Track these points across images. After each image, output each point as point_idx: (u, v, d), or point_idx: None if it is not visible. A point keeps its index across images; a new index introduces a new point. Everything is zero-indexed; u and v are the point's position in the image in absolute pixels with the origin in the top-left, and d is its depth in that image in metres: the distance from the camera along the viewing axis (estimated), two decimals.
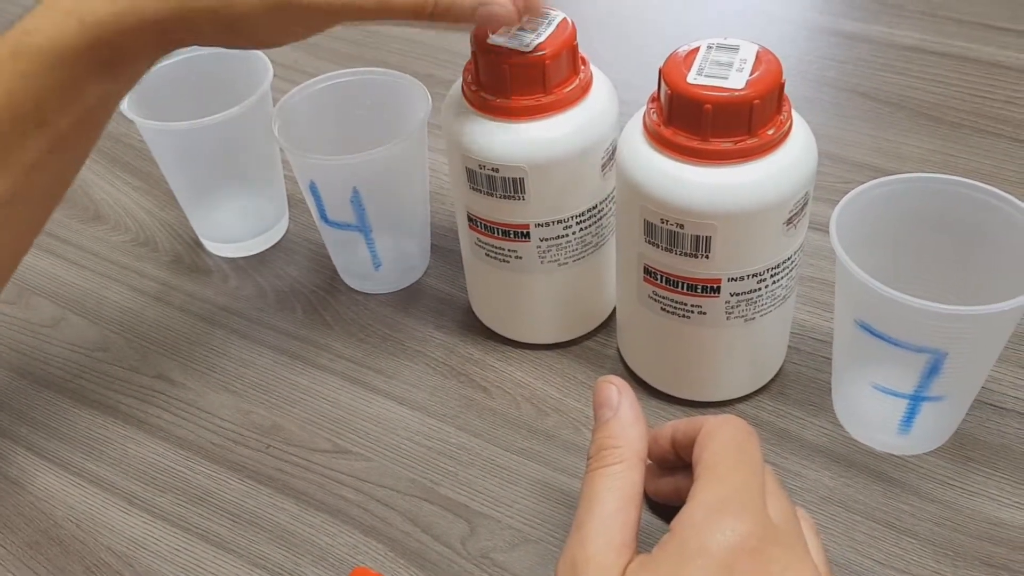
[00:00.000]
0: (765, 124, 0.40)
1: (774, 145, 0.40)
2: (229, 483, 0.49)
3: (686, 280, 0.43)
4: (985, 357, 0.43)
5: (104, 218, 0.67)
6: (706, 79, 0.39)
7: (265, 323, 0.57)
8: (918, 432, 0.45)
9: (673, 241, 0.42)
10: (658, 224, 0.41)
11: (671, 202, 0.40)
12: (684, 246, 0.41)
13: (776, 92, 0.40)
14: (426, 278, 0.59)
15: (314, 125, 0.55)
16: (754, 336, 0.46)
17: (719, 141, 0.39)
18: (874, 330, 0.41)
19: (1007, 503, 0.44)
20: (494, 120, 0.44)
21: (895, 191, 0.44)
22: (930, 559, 0.42)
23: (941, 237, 0.45)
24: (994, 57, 0.71)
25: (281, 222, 0.63)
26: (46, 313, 0.60)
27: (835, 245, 0.41)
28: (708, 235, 0.41)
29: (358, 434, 0.50)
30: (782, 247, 0.42)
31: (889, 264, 0.44)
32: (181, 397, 0.54)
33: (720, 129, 0.39)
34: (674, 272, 0.43)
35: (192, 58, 0.59)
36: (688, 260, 0.42)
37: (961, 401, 0.45)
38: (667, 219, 0.41)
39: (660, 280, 0.44)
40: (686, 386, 0.49)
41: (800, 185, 0.41)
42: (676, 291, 0.44)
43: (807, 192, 0.42)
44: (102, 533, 0.47)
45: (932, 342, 0.40)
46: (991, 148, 0.64)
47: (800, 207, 0.42)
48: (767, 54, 0.40)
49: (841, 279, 0.43)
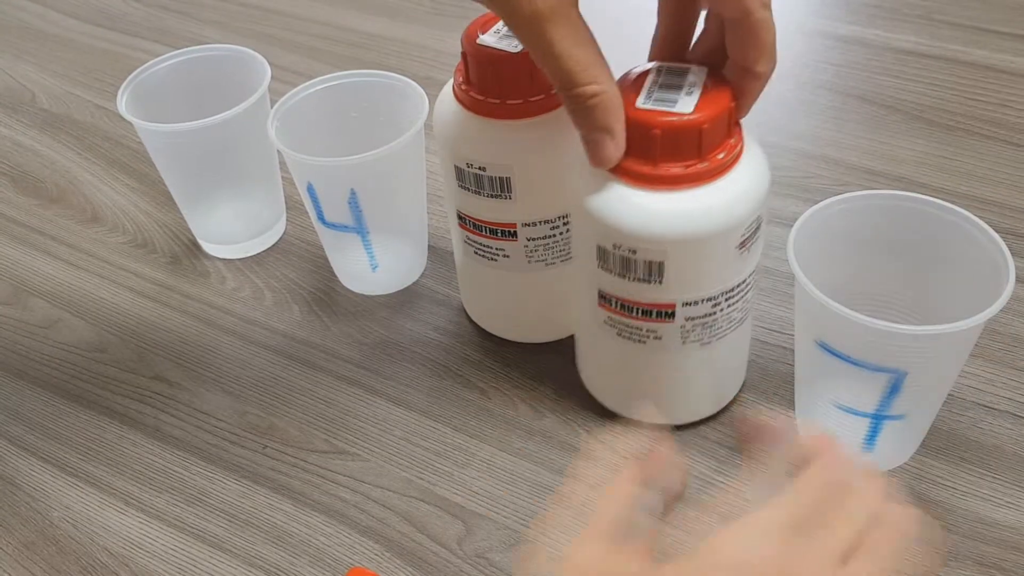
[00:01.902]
0: (715, 148, 0.39)
1: (724, 169, 0.39)
2: (226, 483, 0.49)
3: (640, 305, 0.42)
4: (946, 375, 0.43)
5: (102, 219, 0.67)
6: (655, 104, 0.38)
7: (262, 324, 0.58)
8: (881, 450, 0.45)
9: (626, 267, 0.41)
10: (611, 249, 0.41)
11: (622, 228, 0.40)
12: (637, 272, 0.41)
13: (725, 116, 0.39)
14: (423, 280, 0.59)
15: (312, 127, 0.55)
16: (712, 360, 0.45)
17: (669, 166, 0.39)
18: (833, 350, 0.41)
19: (1000, 503, 0.44)
20: (483, 119, 0.45)
21: (852, 208, 0.44)
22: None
23: (900, 254, 0.45)
24: (989, 60, 0.72)
25: (279, 224, 0.64)
26: (43, 314, 0.60)
27: (793, 265, 0.40)
28: (660, 260, 0.40)
29: (355, 434, 0.50)
30: (736, 270, 0.42)
31: (849, 282, 0.44)
32: (178, 398, 0.54)
33: (670, 154, 0.38)
34: (628, 297, 0.42)
35: (190, 60, 0.59)
36: (642, 286, 0.41)
37: (923, 419, 0.45)
38: (619, 245, 0.40)
39: (615, 305, 0.43)
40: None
41: (752, 209, 0.40)
42: (631, 316, 0.43)
43: (759, 216, 0.41)
44: (98, 533, 0.47)
45: (892, 362, 0.40)
46: (986, 151, 0.64)
47: (753, 230, 0.41)
48: (717, 77, 0.40)
49: (800, 299, 0.42)
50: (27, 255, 0.64)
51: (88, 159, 0.72)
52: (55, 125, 0.76)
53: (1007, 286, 0.39)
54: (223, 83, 0.58)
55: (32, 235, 0.66)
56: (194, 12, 0.89)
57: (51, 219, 0.67)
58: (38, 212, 0.68)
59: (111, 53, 0.84)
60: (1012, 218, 0.58)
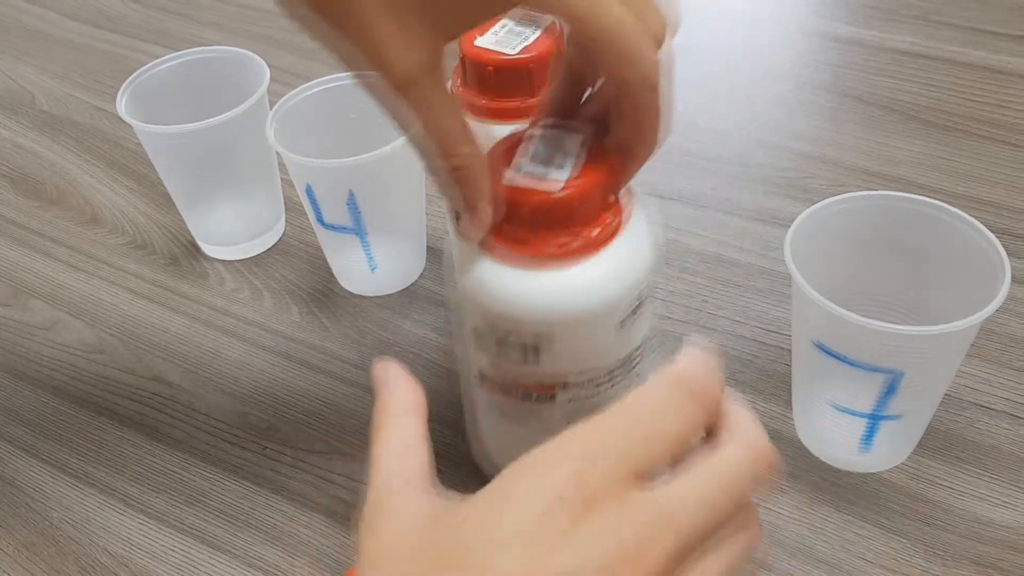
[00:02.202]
0: (588, 224, 0.36)
1: (599, 245, 0.36)
2: (224, 484, 0.49)
3: (519, 387, 0.39)
4: (942, 375, 0.43)
5: (101, 221, 0.67)
6: (526, 176, 0.35)
7: (261, 325, 0.58)
8: (878, 450, 0.45)
9: (501, 346, 0.38)
10: (484, 330, 0.38)
11: (494, 307, 0.37)
12: (512, 352, 0.38)
13: (599, 192, 0.36)
14: (422, 280, 0.59)
15: (311, 129, 0.55)
16: None
17: (540, 243, 0.36)
18: (830, 350, 0.41)
19: (997, 503, 0.45)
20: (480, 121, 0.45)
21: (849, 209, 0.44)
22: (920, 558, 0.43)
23: (897, 254, 0.45)
24: (986, 61, 0.72)
25: (278, 225, 0.64)
26: (43, 315, 0.60)
27: (790, 266, 0.40)
28: (535, 342, 0.37)
29: (354, 435, 0.51)
30: (619, 349, 0.39)
31: (847, 282, 0.44)
32: (177, 399, 0.54)
33: (540, 230, 0.35)
34: (506, 378, 0.39)
35: (189, 62, 0.59)
36: (518, 366, 0.38)
37: (920, 419, 0.45)
38: (494, 325, 0.37)
39: (495, 386, 0.40)
40: None
41: (630, 286, 0.37)
42: (510, 397, 0.40)
43: (640, 293, 0.38)
44: (98, 534, 0.48)
45: (888, 362, 0.40)
46: (983, 151, 0.64)
47: (633, 308, 0.38)
48: (597, 147, 0.36)
49: (797, 299, 0.43)
50: (27, 256, 0.65)
51: (88, 161, 0.72)
52: (55, 127, 0.76)
53: (1003, 286, 0.39)
54: (222, 85, 0.58)
55: (32, 236, 0.66)
56: (193, 14, 0.89)
57: (51, 220, 0.67)
58: (38, 214, 0.68)
59: (111, 55, 0.84)
60: (1009, 218, 0.59)
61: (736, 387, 0.51)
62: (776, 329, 0.53)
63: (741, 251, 0.59)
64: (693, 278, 0.57)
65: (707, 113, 0.69)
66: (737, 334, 0.54)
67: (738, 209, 0.62)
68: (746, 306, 0.55)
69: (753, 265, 0.58)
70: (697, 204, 0.62)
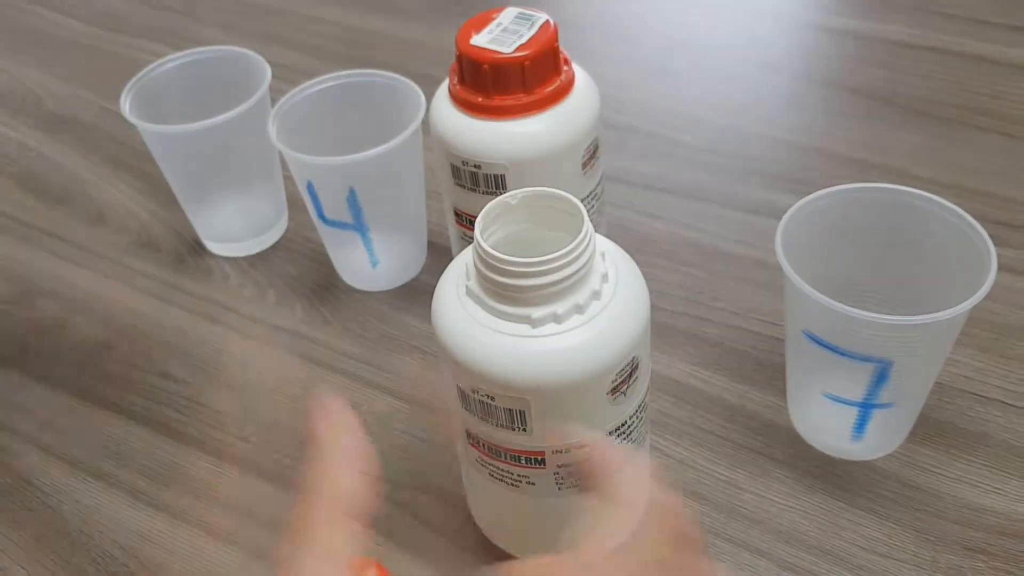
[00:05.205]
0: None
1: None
2: (231, 477, 0.50)
3: (507, 451, 0.38)
4: (932, 363, 0.43)
5: (107, 220, 0.68)
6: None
7: (265, 321, 0.59)
8: (871, 438, 0.46)
9: (487, 411, 0.37)
10: (469, 392, 0.37)
11: (478, 372, 0.35)
12: (499, 417, 0.37)
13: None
14: (423, 275, 0.60)
15: (312, 126, 0.56)
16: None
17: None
18: (820, 340, 0.42)
19: (987, 489, 0.45)
20: (477, 118, 0.46)
21: (840, 200, 0.44)
22: (911, 544, 0.44)
23: (887, 245, 0.46)
24: (982, 52, 0.72)
25: (280, 222, 0.65)
26: (51, 313, 0.61)
27: (780, 256, 0.41)
28: (521, 408, 0.36)
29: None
30: (610, 417, 0.38)
31: (839, 273, 0.44)
32: (184, 394, 0.55)
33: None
34: (493, 442, 0.38)
35: (191, 62, 0.60)
36: (506, 431, 0.37)
37: (911, 407, 0.46)
38: (477, 389, 0.36)
39: (483, 448, 0.39)
40: (532, 551, 0.34)
41: (623, 350, 0.35)
42: (500, 460, 0.39)
43: (634, 357, 0.36)
44: (108, 527, 0.48)
45: (878, 351, 0.41)
46: (979, 142, 0.64)
47: (627, 375, 0.36)
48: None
49: (787, 290, 0.43)
50: (34, 256, 0.65)
51: (93, 160, 0.73)
52: (60, 127, 0.77)
53: (988, 275, 0.39)
54: (224, 84, 0.59)
55: (38, 235, 0.67)
56: (196, 13, 0.90)
57: (57, 220, 0.68)
58: (44, 213, 0.69)
59: (115, 55, 0.85)
60: (1005, 208, 0.59)
61: (733, 378, 0.52)
62: (772, 320, 0.54)
63: (738, 243, 0.59)
64: (690, 270, 0.58)
65: (703, 106, 0.70)
66: (734, 325, 0.54)
67: (735, 201, 0.62)
68: (742, 298, 0.56)
69: (749, 257, 0.58)
70: (693, 197, 0.63)
